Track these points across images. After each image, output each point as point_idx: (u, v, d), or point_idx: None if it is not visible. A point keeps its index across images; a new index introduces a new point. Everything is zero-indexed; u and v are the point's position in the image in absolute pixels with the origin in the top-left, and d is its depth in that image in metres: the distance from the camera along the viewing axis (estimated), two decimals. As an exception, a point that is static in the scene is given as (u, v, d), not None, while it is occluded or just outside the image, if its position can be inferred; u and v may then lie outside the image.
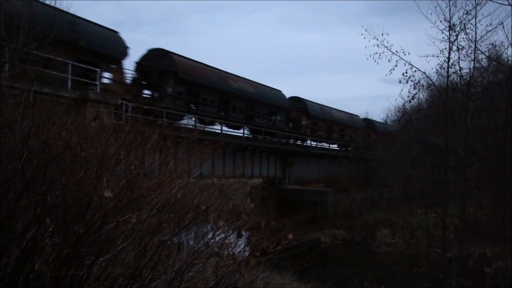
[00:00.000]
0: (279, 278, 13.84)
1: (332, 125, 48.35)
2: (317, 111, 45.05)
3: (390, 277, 23.06)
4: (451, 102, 20.24)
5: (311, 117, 43.96)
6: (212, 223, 5.82)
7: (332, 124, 48.13)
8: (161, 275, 4.92)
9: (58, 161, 4.70)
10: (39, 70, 14.97)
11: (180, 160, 8.52)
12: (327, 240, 33.87)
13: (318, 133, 45.40)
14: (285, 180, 39.01)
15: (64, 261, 4.13)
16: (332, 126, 48.25)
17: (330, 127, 47.97)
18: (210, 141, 17.54)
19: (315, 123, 44.97)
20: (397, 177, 33.33)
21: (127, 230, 4.71)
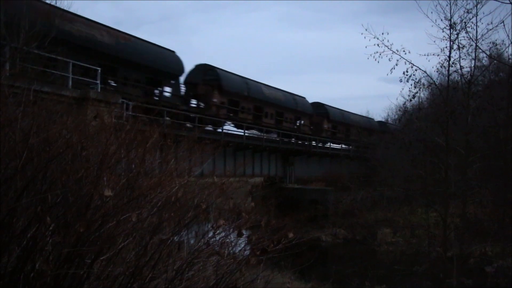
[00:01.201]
0: (279, 277, 13.83)
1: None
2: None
3: (390, 276, 23.05)
4: (451, 101, 20.19)
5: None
6: (212, 222, 5.83)
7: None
8: (162, 274, 4.92)
9: (59, 160, 4.70)
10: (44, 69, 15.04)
11: (181, 159, 8.52)
12: (328, 239, 33.89)
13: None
14: (285, 179, 39.02)
15: (64, 260, 4.13)
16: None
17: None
18: (211, 140, 17.54)
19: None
20: (397, 176, 33.30)
21: (127, 229, 4.72)
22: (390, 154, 37.51)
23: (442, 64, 19.59)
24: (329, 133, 48.38)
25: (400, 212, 37.21)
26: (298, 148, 40.11)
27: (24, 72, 13.58)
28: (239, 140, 31.63)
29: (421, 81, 19.77)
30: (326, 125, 47.78)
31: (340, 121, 50.20)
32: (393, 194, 38.04)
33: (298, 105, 42.06)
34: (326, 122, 47.59)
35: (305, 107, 43.95)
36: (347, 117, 52.08)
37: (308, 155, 41.94)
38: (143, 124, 7.86)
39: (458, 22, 18.53)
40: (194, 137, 9.60)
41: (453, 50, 19.09)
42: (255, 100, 35.38)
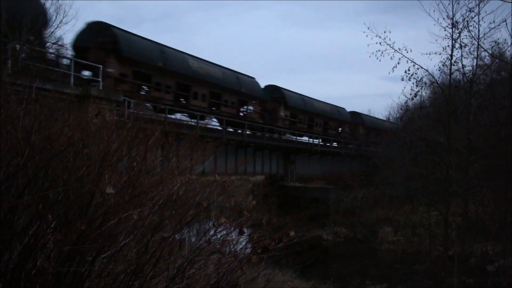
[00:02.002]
0: (280, 275, 13.82)
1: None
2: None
3: (391, 275, 23.05)
4: (453, 100, 20.19)
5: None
6: (214, 220, 5.83)
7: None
8: (163, 272, 4.92)
9: (60, 158, 4.70)
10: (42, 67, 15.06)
11: (182, 157, 8.52)
12: (329, 237, 33.89)
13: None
14: (287, 177, 39.02)
15: (66, 257, 4.13)
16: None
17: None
18: (212, 138, 17.54)
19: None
20: (399, 174, 33.29)
21: (129, 226, 4.72)
22: (392, 153, 37.48)
23: (444, 63, 19.63)
24: (287, 122, 40.75)
25: (401, 211, 37.19)
26: (300, 146, 40.08)
27: (26, 69, 13.59)
28: (240, 138, 31.61)
29: (423, 80, 19.79)
30: (283, 113, 40.14)
31: (301, 108, 42.28)
32: (394, 193, 38.06)
33: (243, 86, 33.68)
34: (283, 110, 39.91)
35: (254, 90, 35.85)
36: (310, 105, 43.92)
37: (310, 153, 41.92)
38: (144, 122, 7.86)
39: (460, 21, 18.55)
40: (196, 135, 9.60)
41: (455, 49, 19.11)
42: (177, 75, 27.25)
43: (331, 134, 48.11)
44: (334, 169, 45.60)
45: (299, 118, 42.16)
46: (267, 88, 40.47)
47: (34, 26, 14.88)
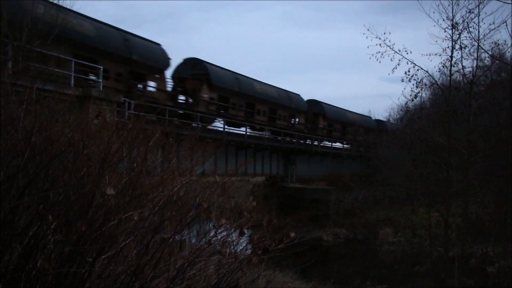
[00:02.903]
0: (281, 276, 13.85)
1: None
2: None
3: (392, 276, 23.06)
4: (453, 101, 20.19)
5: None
6: (214, 221, 5.84)
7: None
8: (163, 273, 4.92)
9: (61, 158, 4.70)
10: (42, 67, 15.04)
11: (183, 157, 8.53)
12: (329, 238, 33.87)
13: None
14: (287, 178, 39.01)
15: (66, 258, 4.13)
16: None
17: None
18: (213, 139, 17.54)
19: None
20: (399, 175, 33.28)
21: (129, 227, 4.72)
22: (392, 154, 37.49)
23: (444, 64, 19.62)
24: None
25: (401, 211, 37.21)
26: (300, 147, 40.09)
27: (27, 70, 13.58)
28: (240, 139, 31.61)
29: (423, 81, 19.80)
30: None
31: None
32: (394, 194, 38.03)
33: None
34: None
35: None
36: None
37: (310, 154, 41.93)
38: (145, 123, 7.86)
39: (460, 22, 18.54)
40: (196, 136, 9.61)
41: (455, 50, 19.10)
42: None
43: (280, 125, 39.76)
44: (335, 170, 45.60)
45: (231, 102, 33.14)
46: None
47: None
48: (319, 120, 45.87)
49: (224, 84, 30.96)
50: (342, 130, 50.46)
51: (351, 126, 51.24)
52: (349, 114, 52.34)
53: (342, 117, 49.97)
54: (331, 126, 47.88)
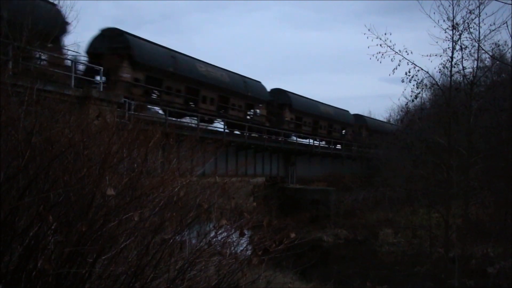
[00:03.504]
0: (281, 277, 13.85)
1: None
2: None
3: (392, 277, 23.03)
4: (454, 102, 20.18)
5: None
6: (214, 222, 5.83)
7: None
8: (163, 274, 4.92)
9: (61, 159, 4.70)
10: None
11: (183, 158, 8.53)
12: (329, 239, 33.86)
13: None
14: (287, 179, 39.05)
15: (66, 259, 4.13)
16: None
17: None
18: (213, 139, 17.55)
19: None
20: (399, 176, 33.26)
21: (129, 228, 4.72)
22: (392, 155, 37.47)
23: (444, 65, 19.60)
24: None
25: (401, 212, 37.14)
26: (300, 148, 40.10)
27: (27, 71, 13.60)
28: (241, 139, 31.61)
29: (423, 82, 19.79)
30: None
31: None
32: (394, 195, 37.96)
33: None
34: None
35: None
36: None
37: (310, 155, 41.94)
38: (145, 124, 7.86)
39: (460, 23, 18.53)
40: (196, 137, 9.62)
41: (456, 51, 19.09)
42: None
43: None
44: (335, 170, 45.62)
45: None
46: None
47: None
48: (285, 112, 39.89)
49: (154, 63, 25.29)
50: (313, 124, 44.35)
51: (324, 120, 46.23)
52: (322, 106, 46.24)
53: (314, 110, 44.04)
54: (299, 119, 41.71)
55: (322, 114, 45.78)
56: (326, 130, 47.07)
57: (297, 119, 41.76)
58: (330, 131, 47.82)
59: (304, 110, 42.49)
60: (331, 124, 47.78)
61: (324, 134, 46.58)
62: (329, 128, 47.46)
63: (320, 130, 45.61)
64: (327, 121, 46.92)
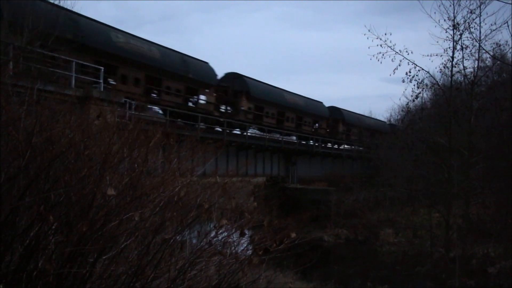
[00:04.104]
0: (281, 277, 13.83)
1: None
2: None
3: (393, 277, 23.03)
4: (454, 102, 20.20)
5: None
6: (215, 222, 5.84)
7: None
8: (164, 273, 4.93)
9: (62, 159, 4.71)
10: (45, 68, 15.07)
11: (183, 158, 8.52)
12: (330, 239, 33.87)
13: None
14: (288, 179, 39.04)
15: (67, 258, 4.13)
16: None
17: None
18: (214, 139, 17.53)
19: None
20: (400, 176, 33.28)
21: (130, 228, 4.72)
22: (393, 154, 37.46)
23: (445, 65, 19.64)
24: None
25: (402, 212, 37.14)
26: (301, 148, 40.10)
27: (28, 71, 13.60)
28: (241, 139, 31.61)
29: (424, 82, 19.81)
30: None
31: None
32: (395, 195, 38.00)
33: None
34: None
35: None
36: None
37: (311, 155, 41.92)
38: (145, 123, 7.87)
39: (461, 23, 18.59)
40: (197, 137, 9.61)
41: (456, 51, 19.13)
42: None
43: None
44: (335, 170, 45.62)
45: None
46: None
47: None
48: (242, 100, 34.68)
49: None
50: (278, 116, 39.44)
51: (291, 111, 40.55)
52: (289, 95, 40.55)
53: (278, 99, 38.47)
54: (260, 109, 36.42)
55: (289, 105, 40.23)
56: (295, 123, 41.20)
57: (257, 109, 36.16)
58: (300, 124, 41.75)
59: (265, 99, 36.92)
60: (301, 117, 41.80)
61: (292, 127, 40.82)
62: (297, 121, 41.39)
63: (287, 123, 40.00)
64: (295, 113, 40.94)
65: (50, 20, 16.51)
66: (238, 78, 34.61)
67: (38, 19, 16.24)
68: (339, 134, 48.50)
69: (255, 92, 35.23)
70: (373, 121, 56.22)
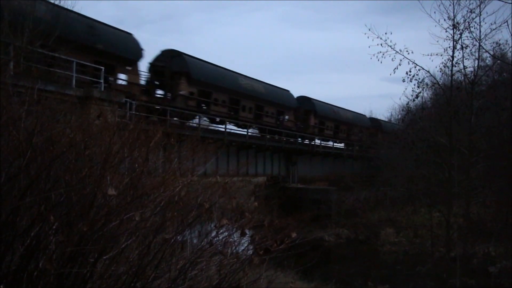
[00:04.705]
0: (282, 277, 13.82)
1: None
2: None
3: (393, 276, 23.03)
4: (455, 101, 20.18)
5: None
6: (215, 222, 5.84)
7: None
8: (165, 273, 4.93)
9: (62, 159, 4.71)
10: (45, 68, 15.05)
11: (184, 158, 8.52)
12: (331, 238, 33.86)
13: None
14: (288, 179, 39.04)
15: (68, 258, 4.13)
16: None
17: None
18: (214, 139, 17.52)
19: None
20: (401, 176, 33.25)
21: (130, 228, 4.72)
22: (393, 154, 37.45)
23: (445, 64, 19.61)
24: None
25: (403, 212, 37.16)
26: (301, 147, 40.10)
27: (28, 71, 13.59)
28: (242, 139, 31.61)
29: (424, 81, 19.80)
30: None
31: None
32: (396, 194, 37.99)
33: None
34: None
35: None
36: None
37: (311, 154, 41.92)
38: (146, 123, 7.86)
39: (461, 22, 18.56)
40: (197, 137, 9.61)
41: (457, 50, 19.10)
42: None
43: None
44: (336, 170, 45.62)
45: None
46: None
47: None
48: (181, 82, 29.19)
49: None
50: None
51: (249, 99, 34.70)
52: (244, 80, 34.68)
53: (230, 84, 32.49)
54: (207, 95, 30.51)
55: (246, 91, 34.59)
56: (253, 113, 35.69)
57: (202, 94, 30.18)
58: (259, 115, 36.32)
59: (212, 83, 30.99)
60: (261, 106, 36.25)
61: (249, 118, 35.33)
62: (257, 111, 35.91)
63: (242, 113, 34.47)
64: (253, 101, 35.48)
65: None
66: (177, 57, 28.47)
67: None
68: (311, 128, 42.19)
69: (198, 74, 29.11)
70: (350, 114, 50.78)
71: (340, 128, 48.04)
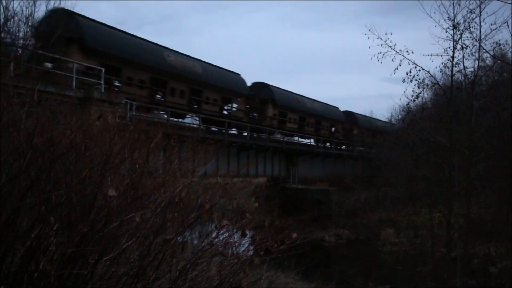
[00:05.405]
0: (283, 277, 13.83)
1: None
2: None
3: (394, 276, 23.02)
4: (455, 101, 20.15)
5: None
6: (216, 222, 5.84)
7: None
8: (165, 274, 4.92)
9: (63, 160, 4.71)
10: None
11: (184, 159, 8.53)
12: (331, 239, 33.84)
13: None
14: (289, 179, 39.04)
15: (68, 260, 4.13)
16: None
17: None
18: (215, 140, 17.52)
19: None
20: (401, 176, 33.24)
21: (131, 229, 4.72)
22: (394, 154, 37.45)
23: (445, 64, 19.57)
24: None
25: (403, 212, 37.14)
26: (302, 148, 40.08)
27: (28, 72, 13.61)
28: (242, 140, 31.60)
29: (424, 81, 19.77)
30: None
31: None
32: (396, 194, 38.00)
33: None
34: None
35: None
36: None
37: (312, 155, 41.92)
38: (146, 124, 7.87)
39: (461, 22, 18.50)
40: (198, 137, 9.61)
41: (457, 50, 19.05)
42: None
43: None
44: (336, 171, 45.59)
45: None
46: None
47: None
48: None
49: None
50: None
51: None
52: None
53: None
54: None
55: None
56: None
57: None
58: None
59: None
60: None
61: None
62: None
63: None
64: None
65: None
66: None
67: None
68: (268, 119, 37.48)
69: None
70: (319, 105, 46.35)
71: (306, 121, 42.71)
